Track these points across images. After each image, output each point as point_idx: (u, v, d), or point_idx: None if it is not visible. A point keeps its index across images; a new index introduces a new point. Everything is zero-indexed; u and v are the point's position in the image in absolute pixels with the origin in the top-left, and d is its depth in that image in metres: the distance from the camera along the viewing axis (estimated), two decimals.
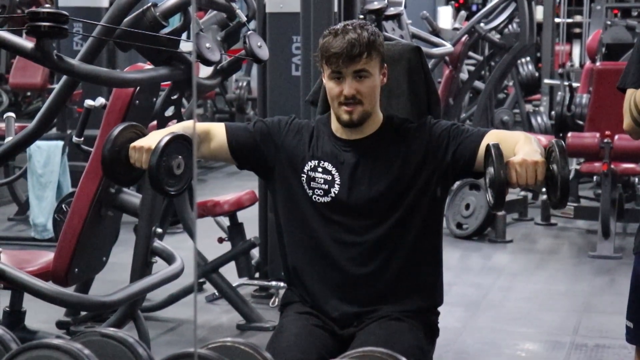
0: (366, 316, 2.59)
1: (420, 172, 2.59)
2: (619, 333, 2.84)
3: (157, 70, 3.23)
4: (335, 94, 2.57)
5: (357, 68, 2.54)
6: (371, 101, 2.58)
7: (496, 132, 2.60)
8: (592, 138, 6.41)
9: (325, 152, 2.63)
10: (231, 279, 4.82)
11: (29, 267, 3.51)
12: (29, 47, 2.85)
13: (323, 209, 2.61)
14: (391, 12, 5.28)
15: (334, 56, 2.53)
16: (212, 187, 8.33)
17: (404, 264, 2.60)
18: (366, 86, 2.56)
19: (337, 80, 2.56)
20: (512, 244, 6.56)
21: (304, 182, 2.62)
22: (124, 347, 1.69)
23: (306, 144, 2.65)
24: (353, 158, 2.61)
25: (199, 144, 2.63)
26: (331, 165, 2.62)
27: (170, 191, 2.44)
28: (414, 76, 2.78)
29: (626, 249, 6.22)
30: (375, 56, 2.56)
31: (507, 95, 10.77)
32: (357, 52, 2.52)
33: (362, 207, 2.59)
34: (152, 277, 3.66)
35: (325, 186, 2.60)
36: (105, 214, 3.61)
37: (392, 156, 2.60)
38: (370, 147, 2.62)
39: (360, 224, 2.59)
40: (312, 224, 2.62)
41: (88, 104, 4.01)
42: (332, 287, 2.61)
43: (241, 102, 10.07)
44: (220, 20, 3.55)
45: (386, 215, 2.59)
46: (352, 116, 2.57)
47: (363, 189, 2.59)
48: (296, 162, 2.64)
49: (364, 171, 2.60)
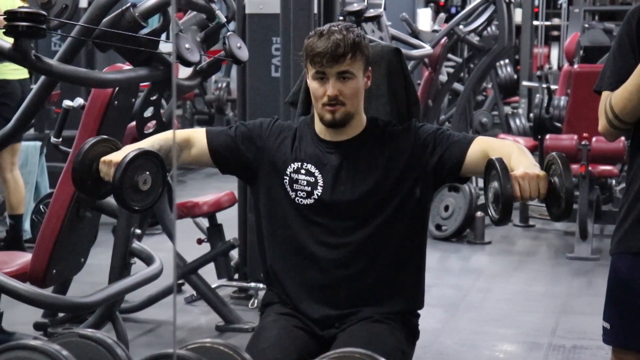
0: (347, 318, 2.59)
1: (404, 175, 2.59)
2: (596, 334, 2.85)
3: (136, 71, 3.22)
4: (318, 95, 2.56)
5: (341, 69, 2.53)
6: (354, 103, 2.57)
7: (484, 140, 2.60)
8: (569, 140, 6.45)
9: (308, 154, 2.63)
10: (210, 280, 4.82)
11: (6, 268, 3.49)
12: (7, 47, 2.83)
13: (306, 211, 2.60)
14: (371, 13, 5.28)
15: (318, 56, 2.53)
16: (190, 188, 8.31)
17: (387, 267, 2.61)
18: (349, 87, 2.55)
19: (320, 80, 2.55)
20: (490, 245, 6.58)
21: (287, 184, 2.62)
22: (102, 348, 1.69)
23: (289, 145, 2.65)
24: (336, 160, 2.61)
25: (180, 150, 2.63)
26: (314, 167, 2.61)
27: (135, 206, 2.43)
28: (394, 77, 2.78)
29: (603, 250, 6.26)
30: (359, 58, 2.56)
31: (486, 97, 10.80)
32: (341, 53, 2.52)
33: (345, 209, 2.59)
34: (131, 278, 3.65)
35: (308, 188, 2.60)
36: (83, 215, 3.60)
37: (376, 158, 2.60)
38: (353, 149, 2.62)
39: (343, 226, 2.59)
40: (294, 225, 2.62)
41: (66, 105, 3.99)
42: (313, 288, 2.61)
43: (220, 103, 10.06)
44: (200, 21, 3.54)
45: (369, 218, 2.59)
46: (335, 116, 2.56)
47: (346, 191, 2.59)
48: (278, 164, 2.64)
49: (348, 173, 2.60)
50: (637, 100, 2.50)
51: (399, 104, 2.80)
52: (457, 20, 7.26)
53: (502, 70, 9.88)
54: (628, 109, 2.53)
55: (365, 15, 5.21)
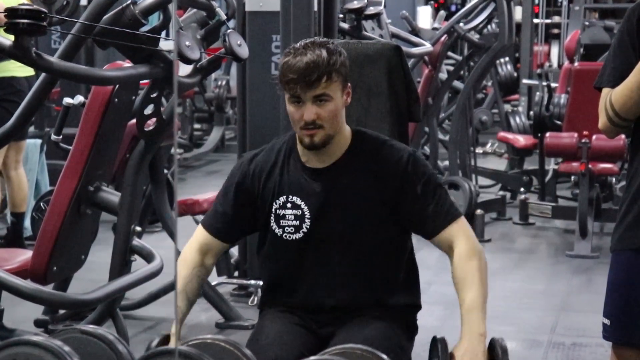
0: (345, 315, 2.59)
1: (391, 203, 2.53)
2: (596, 332, 2.86)
3: (136, 69, 3.22)
4: (295, 119, 2.47)
5: (316, 93, 2.43)
6: (333, 125, 2.48)
7: (461, 234, 2.53)
8: (570, 138, 6.45)
9: (292, 184, 2.55)
10: (210, 278, 4.81)
11: (7, 265, 3.49)
12: (8, 44, 2.83)
13: (295, 245, 2.56)
14: (371, 11, 5.28)
15: (292, 82, 2.43)
16: (190, 186, 8.31)
17: (381, 273, 2.60)
18: (327, 110, 2.45)
19: (296, 104, 2.46)
20: (490, 243, 6.58)
21: (273, 221, 2.56)
22: (103, 344, 1.69)
23: (272, 180, 2.57)
24: (321, 188, 2.53)
25: (202, 268, 2.60)
26: (299, 199, 2.54)
27: None
28: (394, 75, 2.78)
29: (603, 248, 6.26)
30: (336, 78, 2.45)
31: (486, 95, 10.80)
32: (315, 77, 2.41)
33: (334, 239, 2.54)
34: (131, 275, 3.66)
35: (296, 222, 2.54)
36: (84, 212, 3.60)
37: (363, 184, 2.52)
38: (338, 174, 2.54)
39: (332, 253, 2.55)
40: (284, 260, 2.60)
41: (67, 102, 3.99)
42: (310, 293, 2.60)
43: (220, 101, 10.05)
44: (200, 18, 3.54)
45: (360, 243, 2.55)
46: (314, 139, 2.47)
47: (334, 221, 2.53)
48: (265, 202, 2.57)
49: (335, 202, 2.53)
50: (638, 97, 2.51)
51: (399, 101, 2.80)
52: (457, 18, 7.25)
53: (502, 68, 9.89)
54: (628, 106, 2.53)
55: (365, 12, 5.21)
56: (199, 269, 2.60)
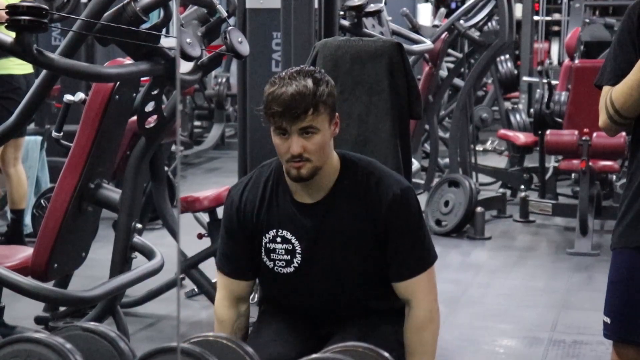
0: (345, 314, 2.59)
1: (380, 237, 2.50)
2: (596, 329, 2.86)
3: (137, 65, 3.22)
4: (282, 151, 2.41)
5: (302, 125, 2.37)
6: (321, 157, 2.42)
7: (421, 291, 2.54)
8: (570, 135, 6.45)
9: (282, 217, 2.51)
10: (210, 275, 4.82)
11: (7, 262, 3.49)
12: (9, 41, 2.83)
13: (286, 277, 2.54)
14: (371, 8, 5.27)
15: (277, 114, 2.37)
16: (190, 183, 8.31)
17: (376, 305, 2.61)
18: (314, 143, 2.38)
19: (282, 136, 2.40)
20: (490, 240, 6.58)
21: (263, 253, 2.54)
22: (105, 341, 1.69)
23: (262, 212, 2.53)
24: (312, 223, 2.49)
25: (243, 310, 2.62)
26: (290, 233, 2.50)
27: None
28: (395, 72, 2.78)
29: (604, 246, 6.26)
30: (322, 109, 2.38)
31: (486, 92, 10.79)
32: (301, 110, 2.35)
33: (327, 273, 2.53)
34: (132, 272, 3.66)
35: (287, 257, 2.51)
36: (85, 209, 3.60)
37: (352, 219, 2.48)
38: (329, 211, 2.49)
39: (326, 286, 2.54)
40: (277, 292, 2.61)
41: (67, 99, 3.99)
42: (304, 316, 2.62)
43: (220, 98, 10.05)
44: (201, 15, 3.54)
45: (352, 276, 2.53)
46: (301, 172, 2.41)
47: (325, 257, 2.51)
48: (256, 233, 2.54)
49: (326, 238, 2.49)
50: (638, 95, 2.51)
51: (401, 99, 2.80)
52: (458, 16, 7.25)
53: (503, 66, 9.88)
54: (629, 104, 2.54)
55: (365, 10, 5.21)
56: (238, 322, 2.59)
